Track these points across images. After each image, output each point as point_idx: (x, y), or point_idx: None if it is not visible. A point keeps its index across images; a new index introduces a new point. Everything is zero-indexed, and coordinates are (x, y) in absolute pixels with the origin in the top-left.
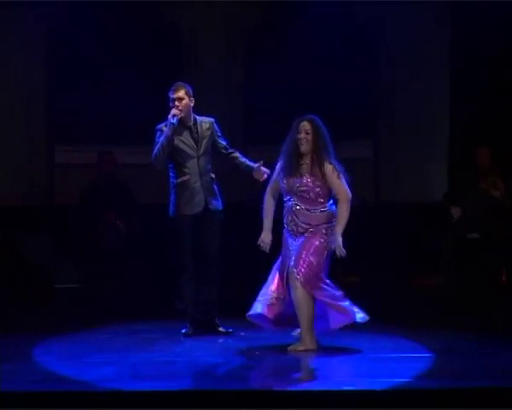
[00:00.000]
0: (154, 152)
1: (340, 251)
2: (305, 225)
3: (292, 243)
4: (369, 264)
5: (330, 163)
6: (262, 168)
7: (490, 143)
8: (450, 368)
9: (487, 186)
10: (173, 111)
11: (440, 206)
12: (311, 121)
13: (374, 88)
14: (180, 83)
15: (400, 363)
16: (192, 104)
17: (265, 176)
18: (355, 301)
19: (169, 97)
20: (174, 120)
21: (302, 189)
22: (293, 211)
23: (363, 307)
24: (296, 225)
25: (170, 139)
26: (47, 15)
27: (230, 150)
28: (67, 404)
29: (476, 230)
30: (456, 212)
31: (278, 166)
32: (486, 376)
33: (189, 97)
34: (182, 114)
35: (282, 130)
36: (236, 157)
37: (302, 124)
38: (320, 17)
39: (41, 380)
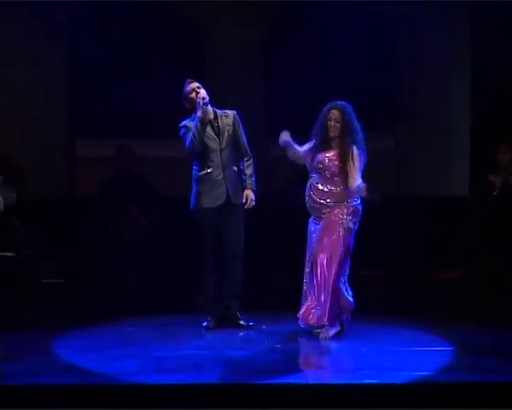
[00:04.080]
0: (188, 140)
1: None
2: (319, 200)
3: (314, 229)
4: (390, 258)
5: (353, 147)
6: (250, 196)
7: (511, 139)
8: (471, 362)
9: (506, 176)
10: (202, 94)
11: (477, 186)
12: (341, 110)
13: (395, 81)
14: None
15: (421, 356)
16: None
17: (249, 204)
18: (376, 295)
19: (187, 91)
20: (206, 101)
21: (319, 165)
22: (311, 187)
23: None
24: (313, 201)
25: (203, 121)
26: (69, 11)
27: (246, 158)
28: (91, 397)
29: (494, 224)
30: (497, 180)
31: (308, 145)
32: (506, 370)
33: None
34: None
35: (303, 122)
36: (245, 168)
37: (332, 112)
38: (342, 13)
39: (63, 373)
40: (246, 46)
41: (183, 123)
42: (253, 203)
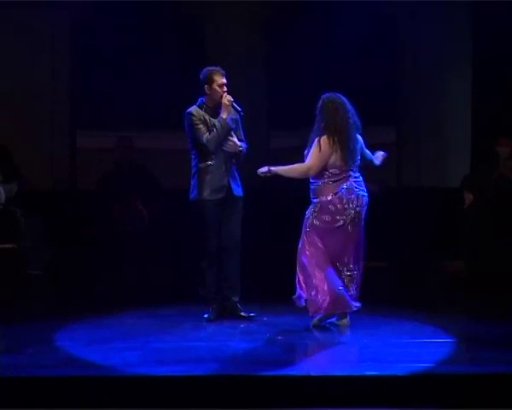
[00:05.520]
0: (208, 138)
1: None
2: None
3: None
4: (392, 249)
5: (320, 137)
6: (238, 142)
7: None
8: (472, 353)
9: (506, 171)
10: (229, 97)
11: (457, 190)
12: (319, 101)
13: (397, 75)
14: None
15: (422, 348)
16: None
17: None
18: (378, 286)
19: (216, 81)
20: (234, 105)
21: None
22: None
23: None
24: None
25: (228, 122)
26: (72, 4)
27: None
28: (92, 389)
29: (492, 217)
30: (468, 198)
31: None
32: (507, 361)
33: None
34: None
35: (305, 115)
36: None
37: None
38: (344, 10)
39: (64, 365)
40: (246, 45)
41: (190, 110)
42: (241, 148)
